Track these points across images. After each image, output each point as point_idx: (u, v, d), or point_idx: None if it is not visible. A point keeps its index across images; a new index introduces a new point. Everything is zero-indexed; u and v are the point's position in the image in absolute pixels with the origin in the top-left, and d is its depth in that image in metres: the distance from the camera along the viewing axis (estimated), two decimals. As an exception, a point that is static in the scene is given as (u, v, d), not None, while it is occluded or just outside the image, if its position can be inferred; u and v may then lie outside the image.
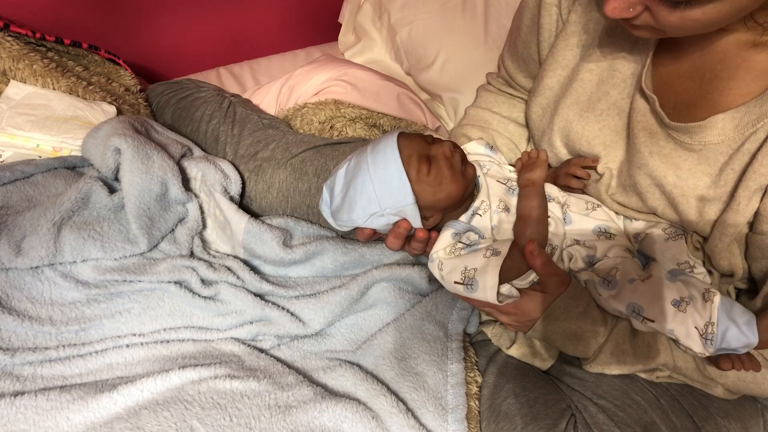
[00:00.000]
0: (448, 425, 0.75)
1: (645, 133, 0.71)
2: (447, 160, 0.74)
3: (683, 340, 0.66)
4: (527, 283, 0.76)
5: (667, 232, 0.75)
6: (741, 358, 0.66)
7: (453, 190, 0.74)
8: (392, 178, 0.73)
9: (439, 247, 0.75)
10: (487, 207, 0.77)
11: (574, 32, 0.76)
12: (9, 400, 0.70)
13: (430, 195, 0.74)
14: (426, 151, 0.75)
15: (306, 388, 0.77)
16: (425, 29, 1.41)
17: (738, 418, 0.78)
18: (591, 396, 0.78)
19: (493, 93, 0.99)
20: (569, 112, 0.78)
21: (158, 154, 0.89)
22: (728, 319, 0.64)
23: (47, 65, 1.05)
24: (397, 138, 0.75)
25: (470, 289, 0.71)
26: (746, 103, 0.62)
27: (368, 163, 0.74)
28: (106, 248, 0.85)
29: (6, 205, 0.88)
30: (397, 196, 0.73)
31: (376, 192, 0.73)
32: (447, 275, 0.74)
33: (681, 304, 0.66)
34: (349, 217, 0.75)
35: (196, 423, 0.72)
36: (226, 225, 0.93)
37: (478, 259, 0.71)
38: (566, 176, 0.81)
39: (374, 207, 0.74)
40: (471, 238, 0.76)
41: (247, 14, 1.53)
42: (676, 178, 0.69)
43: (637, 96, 0.71)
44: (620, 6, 0.56)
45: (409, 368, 0.81)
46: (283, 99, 1.29)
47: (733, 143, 0.64)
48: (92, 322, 0.81)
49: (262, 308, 0.85)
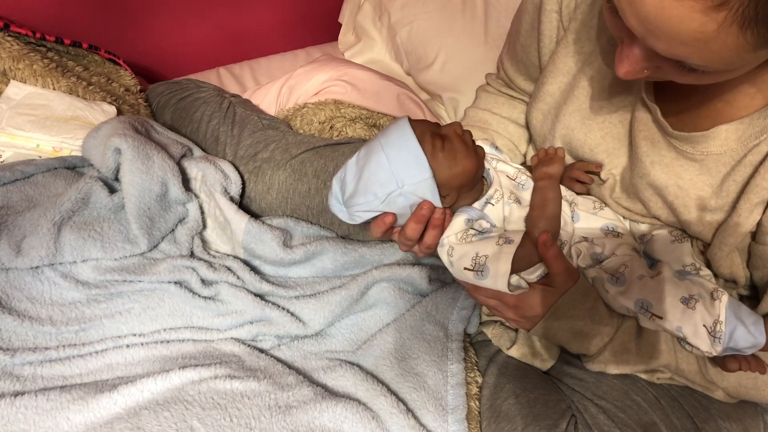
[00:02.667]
0: (448, 426, 0.75)
1: (647, 142, 0.71)
2: (459, 136, 0.74)
3: (691, 339, 0.66)
4: (535, 276, 0.75)
5: (673, 234, 0.75)
6: (747, 359, 0.66)
7: (468, 164, 0.73)
8: (409, 153, 0.71)
9: (450, 232, 0.73)
10: (500, 196, 0.77)
11: (575, 40, 0.76)
12: (9, 400, 0.70)
13: (447, 169, 0.72)
14: (437, 130, 0.75)
15: (306, 389, 0.77)
16: (425, 29, 1.41)
17: (738, 420, 0.78)
18: (591, 396, 0.78)
19: (493, 94, 0.99)
20: (571, 120, 0.78)
21: (158, 154, 0.89)
22: (736, 319, 0.64)
23: (47, 65, 1.05)
24: (408, 120, 0.74)
25: (480, 276, 0.69)
26: (750, 115, 0.62)
27: (381, 144, 0.72)
28: (106, 248, 0.85)
29: (6, 205, 0.88)
30: (414, 172, 0.71)
31: (393, 169, 0.71)
32: (457, 261, 0.72)
33: (690, 301, 0.66)
34: (366, 199, 0.72)
35: (196, 423, 0.72)
36: (226, 225, 0.93)
37: (491, 246, 0.70)
38: (569, 180, 0.81)
39: (391, 185, 0.71)
40: (483, 225, 0.75)
41: (247, 14, 1.53)
42: (677, 188, 0.69)
43: (639, 105, 0.71)
44: (633, 70, 0.56)
45: (410, 368, 0.81)
46: (283, 99, 1.28)
47: (735, 154, 0.64)
48: (92, 322, 0.81)
49: (262, 308, 0.85)
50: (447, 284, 0.94)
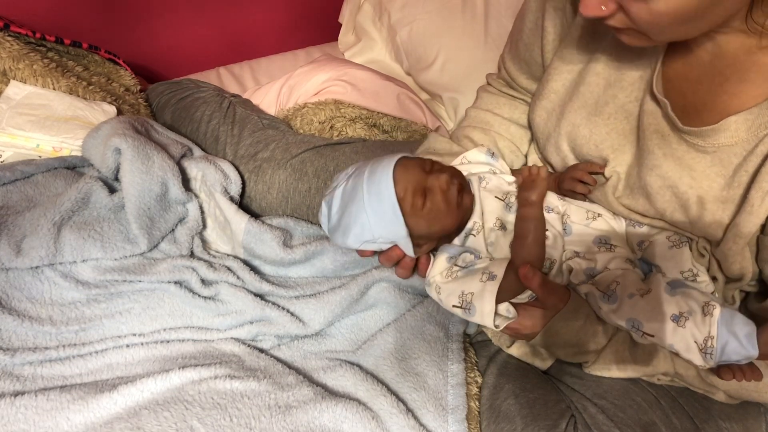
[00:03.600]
0: (448, 425, 0.75)
1: (657, 135, 0.71)
2: (443, 193, 0.74)
3: (683, 354, 0.66)
4: (526, 297, 0.76)
5: (671, 239, 0.74)
6: (742, 369, 0.66)
7: (447, 223, 0.75)
8: (386, 211, 0.73)
9: (435, 272, 0.76)
10: (480, 227, 0.77)
11: (580, 36, 0.76)
12: (9, 400, 0.70)
13: (425, 227, 0.75)
14: (422, 182, 0.74)
15: (306, 388, 0.77)
16: (425, 29, 1.41)
17: (739, 421, 0.78)
18: (591, 396, 0.78)
19: (494, 94, 0.98)
20: (576, 116, 0.78)
21: (158, 154, 0.89)
22: (728, 333, 0.63)
23: (47, 65, 1.05)
24: (394, 167, 0.74)
25: (468, 313, 0.72)
26: (759, 105, 0.62)
27: (364, 192, 0.74)
28: (106, 248, 0.85)
29: (6, 205, 0.88)
30: (390, 228, 0.74)
31: (370, 222, 0.74)
32: (445, 299, 0.74)
33: (680, 319, 0.66)
34: (344, 241, 0.77)
35: (196, 423, 0.72)
36: (226, 225, 0.93)
37: (475, 284, 0.72)
38: (572, 181, 0.80)
39: (367, 235, 0.75)
40: (467, 259, 0.76)
41: (247, 14, 1.53)
42: (690, 179, 0.68)
43: (647, 99, 0.71)
44: (592, 3, 0.57)
45: (410, 368, 0.81)
46: (283, 99, 1.29)
47: (746, 145, 0.64)
48: (92, 322, 0.81)
49: (262, 308, 0.85)
50: (447, 284, 0.94)
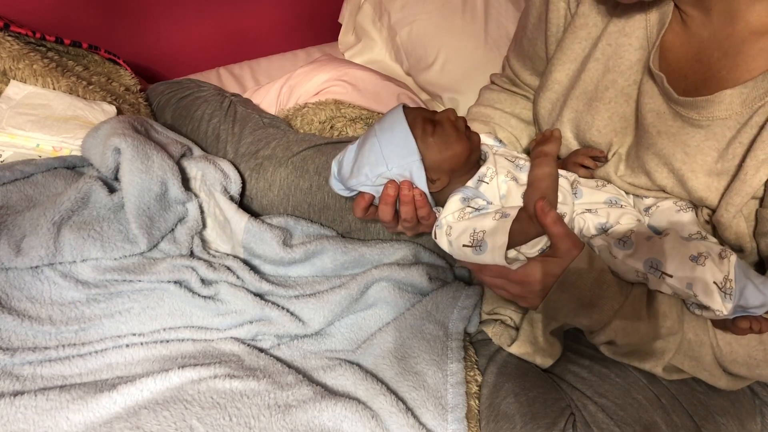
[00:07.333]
0: (447, 424, 0.75)
1: (653, 114, 0.72)
2: (451, 122, 0.77)
3: (701, 296, 0.65)
4: (537, 250, 0.75)
5: (678, 204, 0.75)
6: (758, 319, 0.65)
7: (458, 149, 0.76)
8: (398, 137, 0.76)
9: (447, 212, 0.76)
10: (493, 174, 0.78)
11: (582, 25, 0.77)
12: (9, 400, 0.70)
13: (437, 153, 0.76)
14: (430, 116, 0.79)
15: (306, 388, 0.77)
16: (425, 29, 1.41)
17: (735, 416, 0.78)
18: (592, 395, 0.78)
19: (496, 91, 1.00)
20: (578, 103, 0.79)
21: (158, 154, 0.89)
22: (745, 277, 0.64)
23: (47, 65, 1.05)
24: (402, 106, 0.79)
25: (479, 251, 0.71)
26: (754, 78, 0.63)
27: (375, 129, 0.78)
28: (106, 248, 0.85)
29: (6, 204, 0.88)
30: (402, 153, 0.75)
31: (383, 152, 0.76)
32: (456, 239, 0.74)
33: (699, 258, 0.66)
34: (358, 179, 0.78)
35: (195, 422, 0.72)
36: (226, 224, 0.93)
37: (487, 221, 0.72)
38: (574, 165, 0.82)
39: (381, 167, 0.76)
40: (479, 203, 0.77)
41: (247, 14, 1.53)
42: (684, 155, 0.69)
43: (645, 78, 0.72)
44: None
45: (409, 367, 0.81)
46: (284, 99, 1.29)
47: (740, 118, 0.64)
48: (92, 322, 0.81)
49: (261, 308, 0.85)
50: (447, 284, 0.94)
